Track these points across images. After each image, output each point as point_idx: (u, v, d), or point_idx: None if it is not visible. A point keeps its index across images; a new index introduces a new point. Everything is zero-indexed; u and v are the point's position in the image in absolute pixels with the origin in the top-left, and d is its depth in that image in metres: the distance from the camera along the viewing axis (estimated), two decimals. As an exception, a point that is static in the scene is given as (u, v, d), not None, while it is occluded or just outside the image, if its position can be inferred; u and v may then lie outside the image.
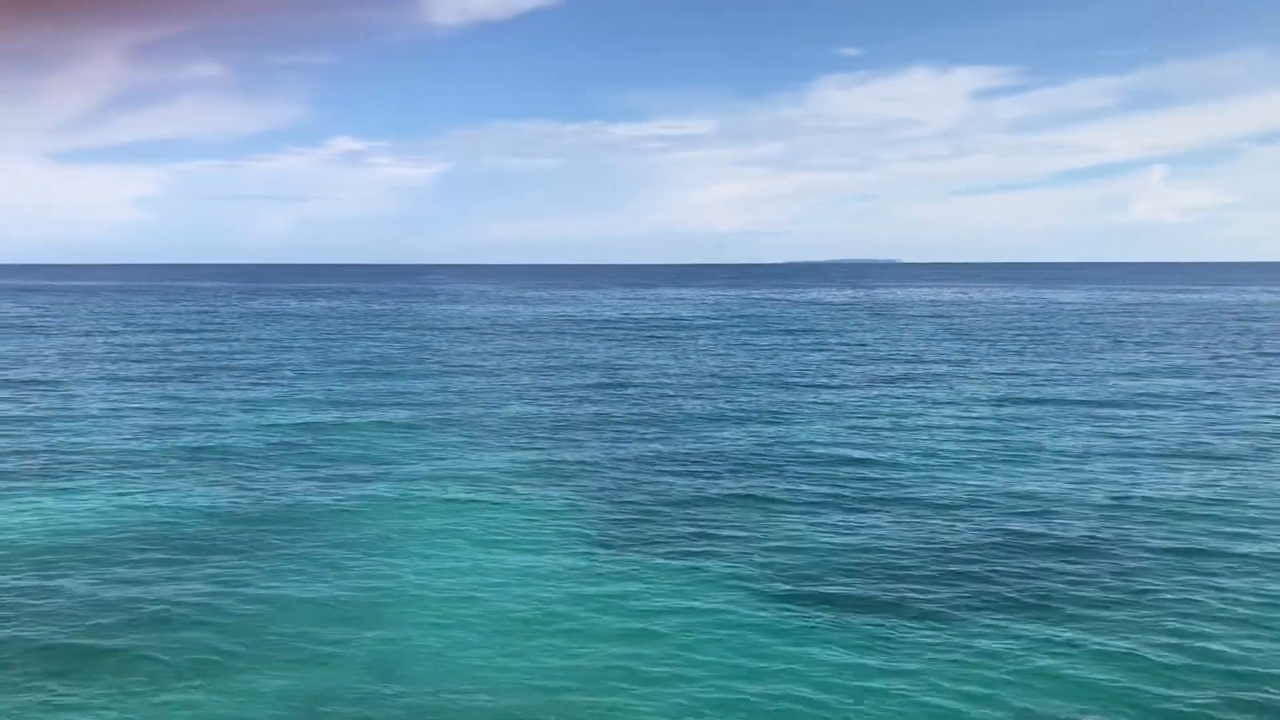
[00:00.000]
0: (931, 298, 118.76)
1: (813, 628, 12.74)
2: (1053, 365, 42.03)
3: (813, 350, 49.87)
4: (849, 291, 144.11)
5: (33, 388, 35.55)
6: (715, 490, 20.07)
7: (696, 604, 13.62)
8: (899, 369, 41.11)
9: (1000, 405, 30.80)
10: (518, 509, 18.63)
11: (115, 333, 62.35)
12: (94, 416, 29.00)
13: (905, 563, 15.37)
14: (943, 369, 40.96)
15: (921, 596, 13.87)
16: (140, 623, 12.91)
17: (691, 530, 17.25)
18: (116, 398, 32.87)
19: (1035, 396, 32.63)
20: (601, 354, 47.89)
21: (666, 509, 18.64)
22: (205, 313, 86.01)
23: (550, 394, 33.80)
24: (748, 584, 14.43)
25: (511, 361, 44.33)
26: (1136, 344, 52.09)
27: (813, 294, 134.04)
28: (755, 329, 66.00)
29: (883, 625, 12.82)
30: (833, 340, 56.40)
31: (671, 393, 34.06)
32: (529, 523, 17.73)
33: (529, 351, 49.22)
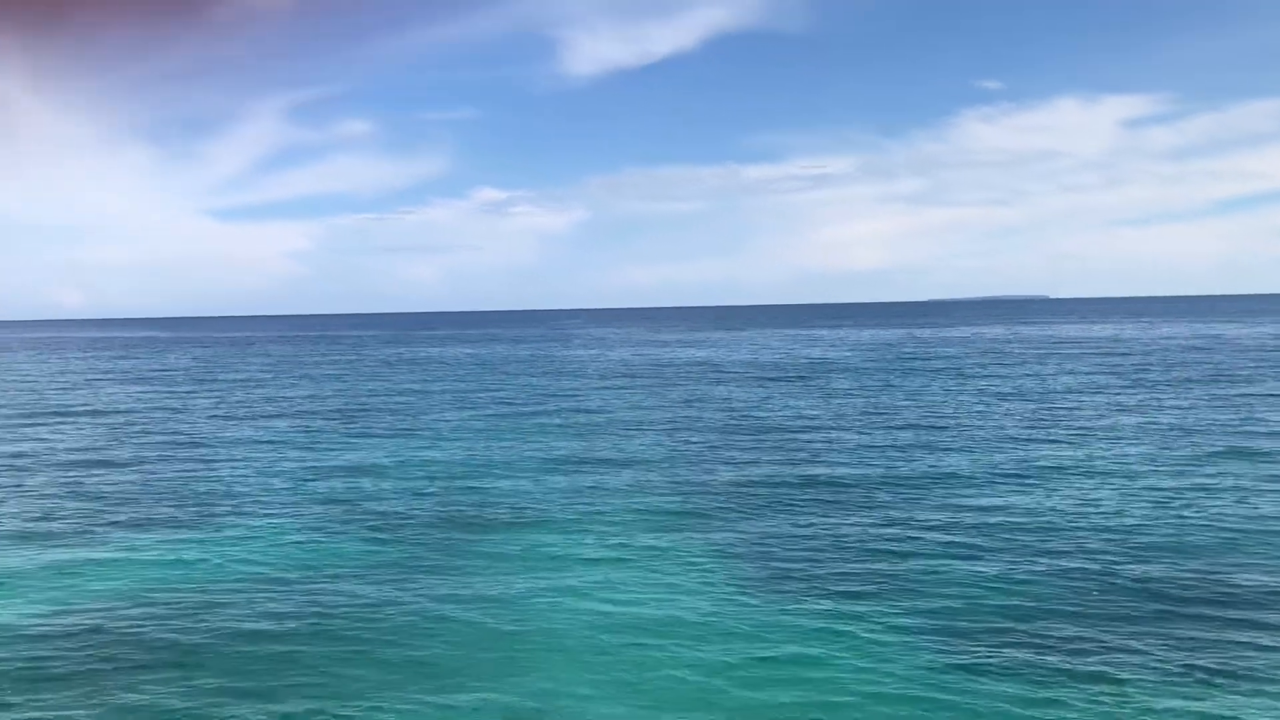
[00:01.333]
0: (1083, 335, 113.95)
1: (982, 674, 12.03)
2: (1229, 413, 39.56)
3: (959, 391, 48.28)
4: (996, 329, 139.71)
5: (191, 434, 37.31)
6: (864, 538, 19.40)
7: (854, 653, 13.06)
8: (1053, 411, 39.35)
9: (1171, 454, 29.04)
10: (664, 556, 18.37)
11: (267, 381, 65.22)
12: (248, 460, 30.18)
13: (1050, 617, 14.44)
14: (1103, 414, 39.02)
15: (1066, 644, 12.96)
16: (297, 659, 13.14)
17: (840, 576, 16.65)
18: (271, 442, 34.18)
19: (1218, 448, 30.69)
20: (741, 396, 47.46)
21: (817, 555, 18.09)
22: (354, 360, 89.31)
23: (691, 437, 33.55)
24: (909, 632, 13.79)
25: (650, 404, 44.32)
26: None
27: (956, 331, 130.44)
28: (898, 369, 64.45)
29: (1038, 675, 12.00)
30: (980, 381, 54.55)
31: (815, 437, 33.37)
32: (676, 570, 17.45)
33: (667, 394, 49.16)
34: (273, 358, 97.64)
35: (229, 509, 23.33)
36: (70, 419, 43.54)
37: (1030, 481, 24.43)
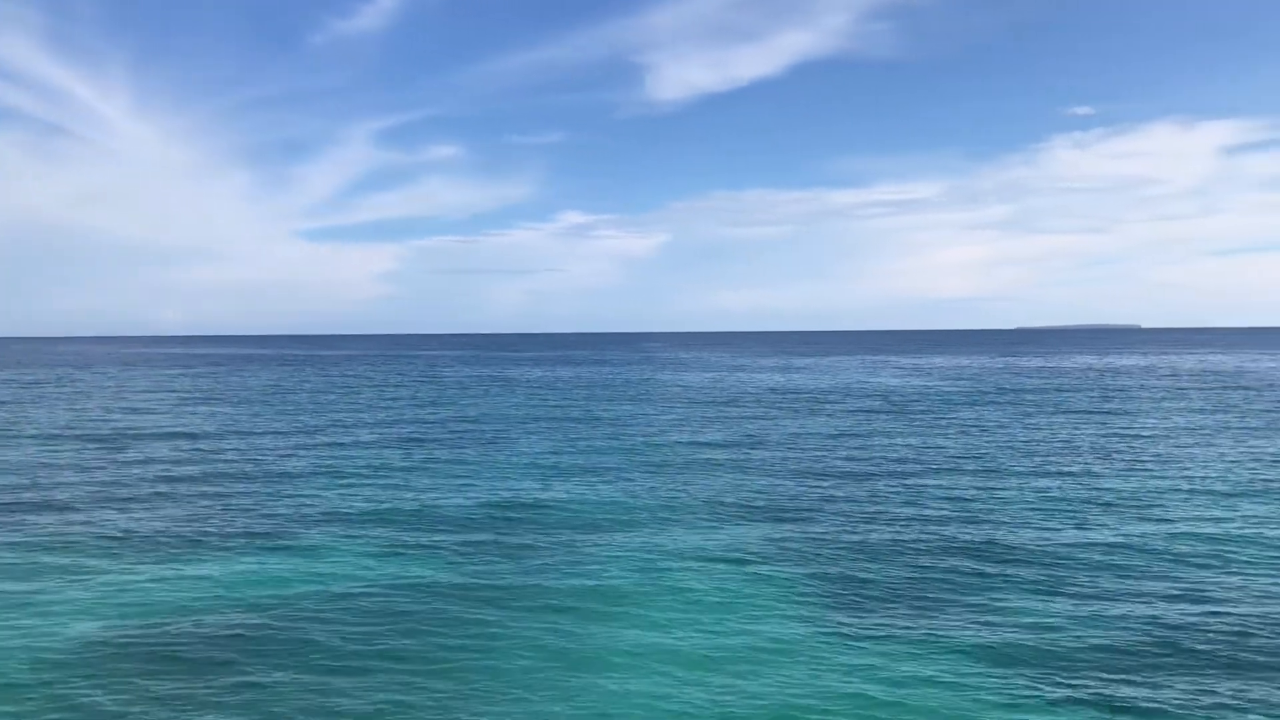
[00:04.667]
0: (1173, 366, 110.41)
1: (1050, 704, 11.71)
2: (1321, 440, 37.92)
3: (1044, 422, 47.16)
4: (1087, 359, 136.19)
5: (273, 449, 38.22)
6: (943, 567, 19.04)
7: (936, 681, 12.82)
8: (1139, 445, 38.21)
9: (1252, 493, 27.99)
10: (742, 582, 18.27)
11: (352, 399, 66.52)
12: (326, 477, 30.81)
13: (1129, 649, 13.98)
14: (1186, 448, 37.76)
15: (1140, 677, 12.52)
16: (372, 671, 13.37)
17: (917, 606, 16.37)
18: (348, 461, 34.86)
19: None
20: (823, 422, 47.02)
21: (891, 584, 17.82)
22: (438, 380, 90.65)
23: (770, 462, 33.35)
24: (989, 663, 13.49)
25: (732, 429, 44.16)
26: None
27: (1042, 361, 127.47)
28: (983, 399, 63.19)
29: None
30: (1066, 412, 53.23)
31: (894, 465, 32.90)
32: (747, 603, 17.33)
33: (748, 419, 48.94)
34: (357, 377, 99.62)
35: (303, 526, 23.82)
36: (149, 435, 44.96)
37: (1119, 513, 23.72)
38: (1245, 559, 19.48)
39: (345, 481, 30.06)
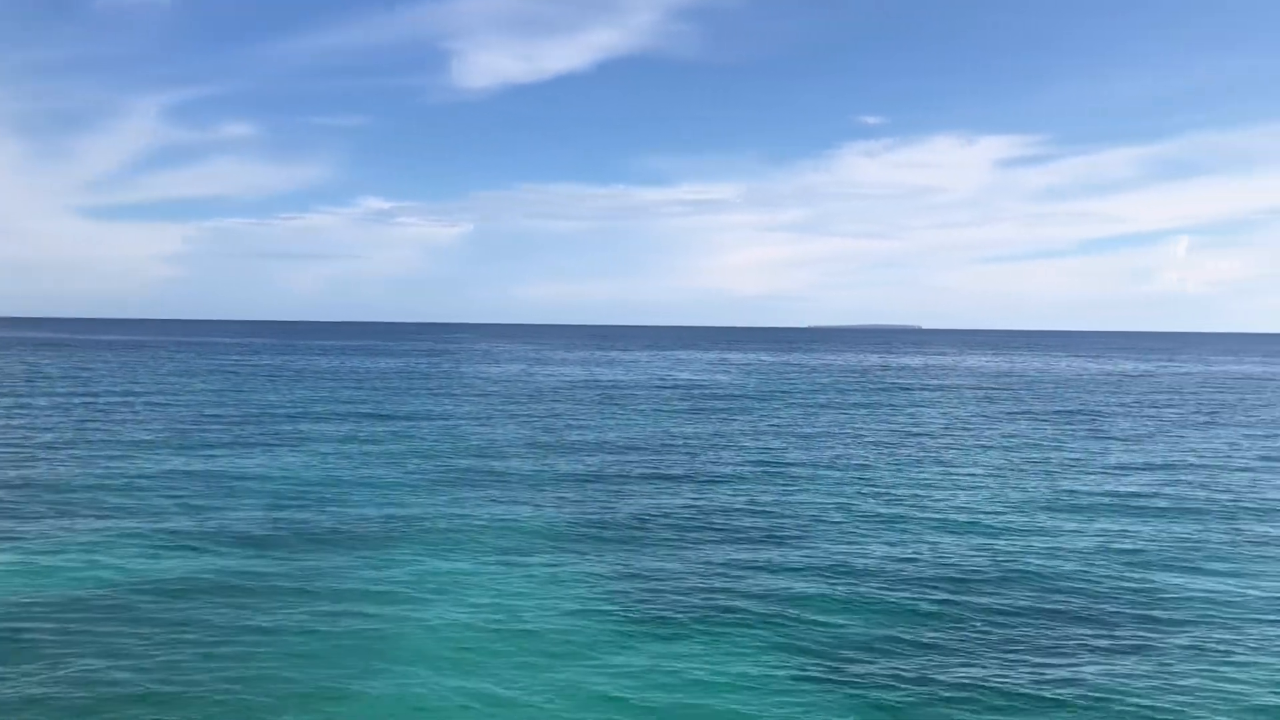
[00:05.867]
0: (952, 364, 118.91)
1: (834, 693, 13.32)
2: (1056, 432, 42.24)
3: (830, 418, 50.37)
4: (871, 357, 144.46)
5: (45, 440, 36.56)
6: (728, 555, 20.62)
7: (721, 682, 14.19)
8: (914, 437, 41.59)
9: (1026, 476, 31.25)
10: (531, 571, 19.24)
11: (131, 389, 63.60)
12: (106, 469, 29.90)
13: (906, 634, 15.92)
14: (955, 439, 41.40)
15: (917, 659, 14.41)
16: (151, 669, 13.62)
17: (706, 604, 17.81)
18: (132, 452, 33.81)
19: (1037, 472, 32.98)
20: (621, 417, 48.52)
21: (682, 573, 19.21)
22: (229, 370, 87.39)
23: (565, 454, 34.44)
24: (771, 651, 14.97)
25: (529, 421, 45.03)
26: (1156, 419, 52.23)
27: (830, 359, 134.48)
28: (777, 394, 66.53)
29: (891, 691, 13.38)
30: (851, 409, 56.86)
31: (688, 455, 34.65)
32: (538, 589, 18.32)
33: (545, 412, 49.92)
34: (138, 364, 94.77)
35: (85, 518, 23.26)
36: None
37: (895, 497, 26.15)
38: (987, 528, 22.05)
39: (118, 473, 29.26)
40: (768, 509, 25.11)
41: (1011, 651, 14.59)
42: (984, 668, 13.89)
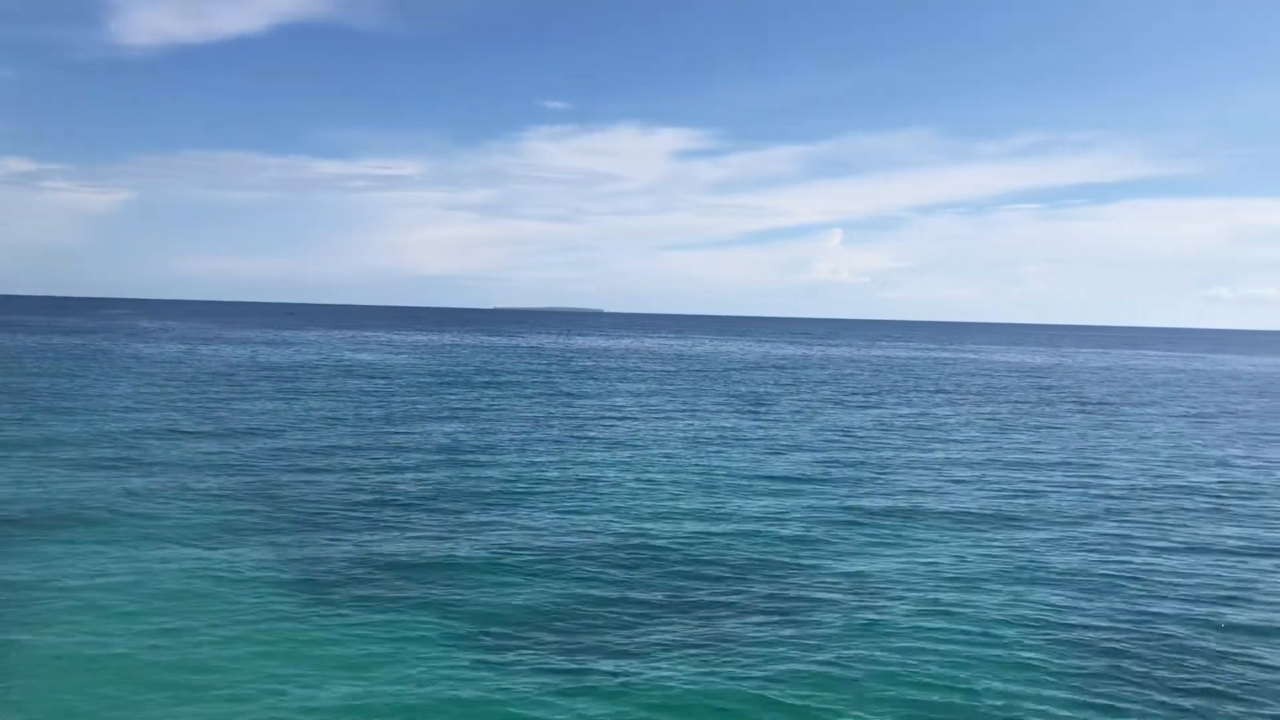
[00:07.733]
0: (631, 348, 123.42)
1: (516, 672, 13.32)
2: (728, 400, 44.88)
3: (513, 396, 50.78)
4: (555, 339, 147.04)
5: None
6: (410, 538, 20.27)
7: (388, 658, 13.85)
8: (592, 416, 42.75)
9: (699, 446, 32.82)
10: (200, 560, 18.04)
11: None
12: None
13: (597, 591, 16.28)
14: (634, 414, 42.96)
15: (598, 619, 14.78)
16: None
17: (376, 586, 17.40)
18: None
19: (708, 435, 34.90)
20: (301, 401, 46.51)
21: (360, 556, 18.67)
22: None
23: (219, 439, 32.58)
24: (458, 635, 14.79)
25: (182, 406, 42.14)
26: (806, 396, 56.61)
27: (518, 341, 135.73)
28: (465, 376, 66.18)
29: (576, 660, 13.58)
30: (531, 389, 57.62)
31: (360, 436, 33.76)
32: (215, 575, 17.25)
33: (200, 396, 46.97)
34: None
35: None
36: None
37: (557, 472, 26.72)
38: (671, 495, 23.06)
39: None
40: (441, 487, 24.90)
41: (656, 618, 15.25)
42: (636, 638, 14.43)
